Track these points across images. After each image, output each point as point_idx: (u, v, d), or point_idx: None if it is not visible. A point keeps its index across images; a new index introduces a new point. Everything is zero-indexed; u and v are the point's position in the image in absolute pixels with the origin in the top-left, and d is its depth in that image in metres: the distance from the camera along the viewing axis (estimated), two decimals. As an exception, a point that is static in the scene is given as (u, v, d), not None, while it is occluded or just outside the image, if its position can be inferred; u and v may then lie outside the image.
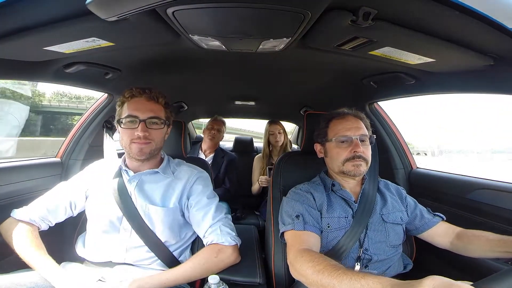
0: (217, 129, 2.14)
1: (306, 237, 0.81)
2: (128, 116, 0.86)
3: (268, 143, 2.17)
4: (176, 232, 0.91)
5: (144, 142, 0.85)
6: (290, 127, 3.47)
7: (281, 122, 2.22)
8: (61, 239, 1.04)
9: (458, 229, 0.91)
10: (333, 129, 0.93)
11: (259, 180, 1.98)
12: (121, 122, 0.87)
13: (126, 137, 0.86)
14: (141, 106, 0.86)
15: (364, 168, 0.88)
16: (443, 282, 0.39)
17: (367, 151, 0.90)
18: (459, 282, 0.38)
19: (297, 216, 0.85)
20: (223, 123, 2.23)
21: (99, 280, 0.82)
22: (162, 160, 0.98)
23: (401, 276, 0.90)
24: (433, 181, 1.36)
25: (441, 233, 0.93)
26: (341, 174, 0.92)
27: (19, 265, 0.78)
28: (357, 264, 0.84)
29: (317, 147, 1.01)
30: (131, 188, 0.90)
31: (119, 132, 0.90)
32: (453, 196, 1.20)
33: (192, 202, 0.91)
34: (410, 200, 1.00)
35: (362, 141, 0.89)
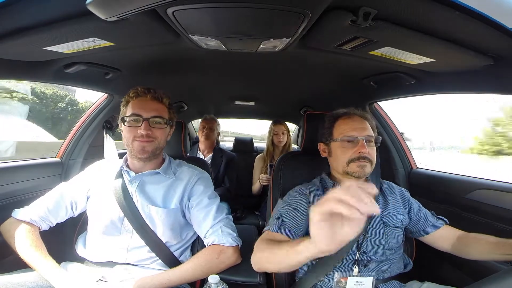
0: (209, 128, 2.13)
1: (275, 237, 0.81)
2: (132, 114, 0.86)
3: (271, 142, 2.17)
4: (177, 233, 0.91)
5: (146, 140, 0.86)
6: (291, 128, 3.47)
7: (285, 122, 2.21)
8: (62, 239, 1.04)
9: (459, 232, 0.91)
10: (339, 129, 0.92)
11: (260, 178, 1.97)
12: (125, 121, 0.87)
13: (128, 135, 0.87)
14: (145, 105, 0.87)
15: (369, 169, 0.87)
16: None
17: (372, 152, 0.88)
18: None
19: (278, 218, 0.85)
20: (215, 120, 2.22)
21: (100, 280, 0.82)
22: (163, 160, 0.98)
23: (401, 276, 0.90)
24: (433, 181, 1.36)
25: (443, 236, 0.92)
26: (345, 174, 0.90)
27: (19, 265, 0.78)
28: (355, 267, 0.83)
29: (321, 146, 0.99)
30: (132, 189, 0.90)
31: (121, 131, 0.91)
32: (453, 196, 1.20)
33: (193, 203, 0.91)
34: (414, 202, 0.98)
35: (368, 141, 0.87)
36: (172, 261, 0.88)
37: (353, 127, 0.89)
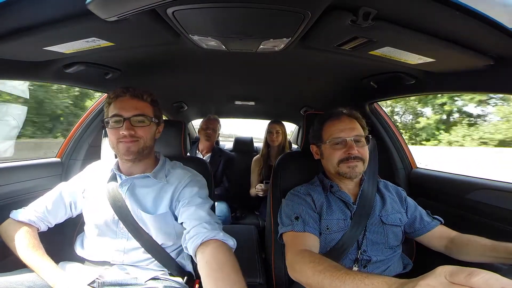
0: (212, 129, 2.12)
1: (306, 238, 0.80)
2: (113, 115, 0.84)
3: (266, 142, 2.17)
4: (172, 235, 0.88)
5: (130, 141, 0.83)
6: (291, 128, 3.47)
7: (283, 123, 2.20)
8: (61, 239, 1.04)
9: (453, 233, 0.91)
10: (327, 131, 0.92)
11: (256, 187, 1.97)
12: (107, 123, 0.85)
13: (113, 137, 0.85)
14: (125, 104, 0.85)
15: (360, 168, 0.87)
16: (455, 268, 0.36)
17: (363, 150, 0.88)
18: (470, 268, 0.36)
19: (297, 218, 0.84)
20: (218, 121, 2.21)
21: (97, 279, 0.82)
22: (156, 162, 0.96)
23: (400, 276, 0.90)
24: (433, 181, 1.35)
25: (438, 236, 0.93)
26: (337, 175, 0.91)
27: (19, 265, 0.78)
28: (355, 266, 0.84)
29: (313, 148, 1.00)
30: (122, 193, 0.88)
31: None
32: (453, 196, 1.20)
33: (184, 202, 0.86)
34: (411, 201, 0.99)
35: (357, 141, 0.88)
36: (169, 262, 0.87)
37: (340, 129, 0.89)
